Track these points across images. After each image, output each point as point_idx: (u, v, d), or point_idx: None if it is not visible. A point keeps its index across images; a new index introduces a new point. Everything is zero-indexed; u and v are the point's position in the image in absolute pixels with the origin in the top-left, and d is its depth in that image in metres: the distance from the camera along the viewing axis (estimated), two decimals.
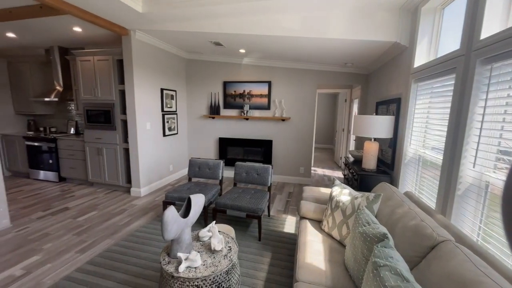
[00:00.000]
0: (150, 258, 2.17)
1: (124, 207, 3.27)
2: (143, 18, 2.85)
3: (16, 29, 3.34)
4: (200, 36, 3.23)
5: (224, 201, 2.55)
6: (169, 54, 4.12)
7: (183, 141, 4.79)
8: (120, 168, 3.77)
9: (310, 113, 4.36)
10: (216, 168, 3.11)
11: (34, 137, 4.27)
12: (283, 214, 3.17)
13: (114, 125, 3.67)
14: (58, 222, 2.81)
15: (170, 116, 4.27)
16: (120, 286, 1.83)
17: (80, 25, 3.13)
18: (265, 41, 3.15)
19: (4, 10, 2.73)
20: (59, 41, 3.90)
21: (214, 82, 4.63)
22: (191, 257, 1.37)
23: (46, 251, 2.26)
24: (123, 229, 2.70)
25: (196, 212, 1.56)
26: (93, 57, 3.59)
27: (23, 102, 4.60)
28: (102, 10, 2.63)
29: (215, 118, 4.74)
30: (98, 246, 2.35)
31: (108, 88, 3.60)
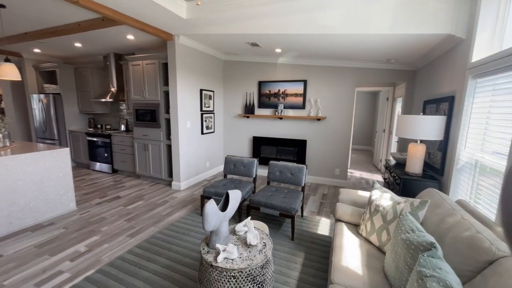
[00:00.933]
0: (189, 248, 2.33)
1: (166, 199, 3.55)
2: (186, 23, 3.05)
3: (82, 39, 3.85)
4: (238, 37, 3.34)
5: (258, 199, 2.60)
6: (208, 56, 4.34)
7: (219, 139, 4.99)
8: (163, 163, 4.10)
9: (347, 113, 4.18)
10: (250, 166, 3.19)
11: (93, 133, 4.88)
12: (316, 216, 3.12)
13: (159, 123, 4.00)
14: (112, 209, 3.19)
15: (208, 115, 4.50)
16: (163, 269, 2.01)
17: (132, 33, 3.48)
18: (302, 39, 3.11)
19: (74, 24, 3.18)
20: (115, 48, 4.39)
21: (249, 82, 4.73)
22: (228, 249, 1.45)
23: (103, 233, 2.58)
24: (165, 219, 2.94)
25: (233, 206, 1.64)
26: (142, 62, 3.96)
27: (85, 102, 5.28)
28: (151, 18, 2.89)
29: (249, 118, 4.84)
30: (145, 233, 2.61)
31: (154, 90, 3.94)
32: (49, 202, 2.86)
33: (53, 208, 2.90)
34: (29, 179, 2.67)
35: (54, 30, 3.34)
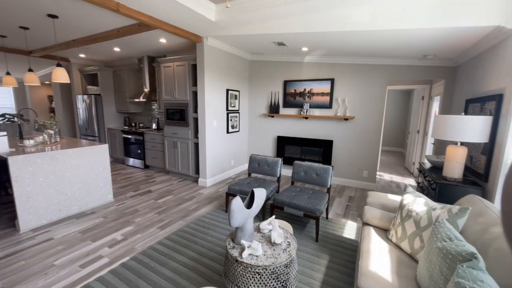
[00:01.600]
0: (214, 242, 2.41)
1: (193, 195, 3.71)
2: (214, 25, 3.15)
3: (120, 44, 4.17)
4: (264, 37, 3.36)
5: (282, 198, 2.61)
6: (235, 56, 4.42)
7: (243, 138, 5.07)
8: (190, 160, 4.28)
9: (377, 112, 3.98)
10: (274, 165, 3.20)
11: (128, 131, 5.25)
12: (342, 218, 3.03)
13: (187, 122, 4.18)
14: (144, 202, 3.41)
15: (233, 114, 4.59)
16: (190, 261, 2.11)
17: (165, 36, 3.68)
18: (330, 37, 3.04)
19: (114, 30, 3.45)
20: (148, 51, 4.67)
21: (275, 82, 4.73)
22: (253, 245, 1.48)
23: (136, 224, 2.78)
24: (192, 213, 3.07)
25: (258, 204, 1.66)
26: (173, 63, 4.16)
27: (121, 102, 5.70)
28: (183, 22, 3.03)
29: (274, 117, 4.84)
30: (173, 225, 2.75)
31: (183, 90, 4.12)
32: (91, 193, 3.15)
33: (94, 198, 3.19)
34: (75, 171, 2.96)
35: (97, 36, 3.66)
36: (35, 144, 3.09)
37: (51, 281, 1.86)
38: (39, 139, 3.27)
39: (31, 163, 2.57)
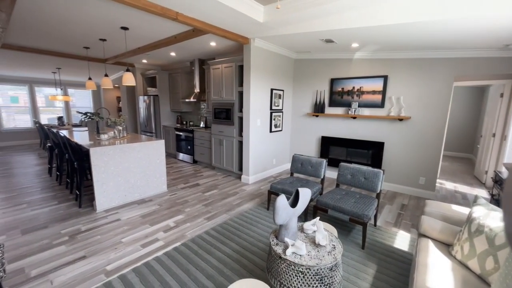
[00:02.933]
0: (256, 238, 2.49)
1: (236, 190, 3.86)
2: (262, 26, 3.21)
3: (176, 49, 4.58)
4: (312, 35, 3.29)
5: (326, 200, 2.53)
6: (280, 56, 4.43)
7: (286, 137, 5.06)
8: (234, 157, 4.47)
9: (440, 112, 3.53)
10: (318, 166, 3.12)
11: (180, 128, 5.75)
12: (393, 227, 2.79)
13: (232, 121, 4.37)
14: (193, 194, 3.70)
15: (277, 114, 4.62)
16: (234, 253, 2.22)
17: (215, 40, 3.91)
18: (385, 31, 2.81)
19: (171, 37, 3.82)
20: (199, 54, 5.02)
21: (321, 80, 4.59)
22: (297, 244, 1.48)
23: (186, 213, 3.03)
24: (236, 208, 3.21)
25: (303, 204, 1.66)
26: (221, 65, 4.39)
27: (175, 102, 6.26)
28: (232, 25, 3.18)
29: (318, 117, 4.70)
30: (219, 218, 2.92)
31: (230, 90, 4.32)
32: (150, 183, 3.56)
33: (151, 188, 3.60)
34: (137, 163, 3.39)
35: (158, 43, 4.10)
36: (108, 138, 3.63)
37: (119, 255, 2.17)
38: (111, 134, 3.83)
39: (105, 154, 3.03)
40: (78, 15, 2.96)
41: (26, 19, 3.11)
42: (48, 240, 2.39)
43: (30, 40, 4.10)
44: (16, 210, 3.03)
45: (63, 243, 2.35)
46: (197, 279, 1.88)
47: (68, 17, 3.04)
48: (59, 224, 2.70)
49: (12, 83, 7.75)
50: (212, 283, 1.84)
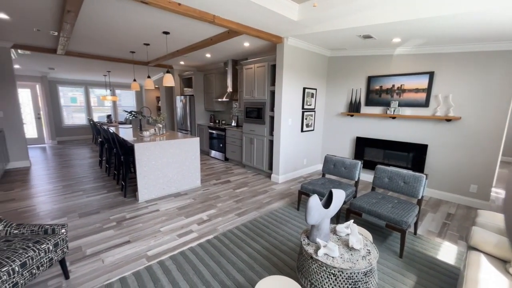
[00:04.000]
0: (286, 237, 2.49)
1: (266, 189, 3.90)
2: (296, 25, 3.18)
3: (211, 51, 4.77)
4: (348, 32, 3.16)
5: (360, 204, 2.42)
6: (313, 54, 4.34)
7: (318, 137, 4.94)
8: (265, 156, 4.51)
9: (498, 112, 3.12)
10: (352, 168, 2.99)
11: (213, 127, 5.97)
12: (436, 237, 2.55)
13: (264, 120, 4.41)
14: (224, 190, 3.83)
15: (309, 113, 4.53)
16: (264, 250, 2.25)
17: (248, 40, 3.98)
18: (433, 24, 2.58)
19: (208, 39, 3.99)
20: (233, 55, 5.16)
21: (356, 78, 4.38)
22: (329, 245, 1.46)
23: (218, 208, 3.16)
24: (266, 206, 3.24)
25: (336, 205, 1.62)
26: (254, 65, 4.46)
27: (209, 102, 6.53)
28: (267, 25, 3.21)
29: (353, 116, 4.50)
30: (249, 215, 2.99)
31: (262, 89, 4.36)
32: (185, 177, 3.78)
33: (186, 182, 3.81)
34: (175, 158, 3.62)
35: (195, 46, 4.32)
36: (149, 135, 3.94)
37: (158, 243, 2.36)
38: (152, 131, 4.15)
39: (147, 150, 3.30)
40: (127, 23, 3.26)
41: (84, 29, 3.52)
42: (100, 224, 2.70)
43: (86, 47, 4.63)
44: (74, 197, 3.47)
45: (112, 227, 2.63)
46: (228, 272, 1.96)
47: (118, 26, 3.37)
48: (108, 211, 3.02)
49: (72, 85, 8.84)
50: (243, 277, 1.90)
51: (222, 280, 1.87)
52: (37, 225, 1.79)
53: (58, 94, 8.52)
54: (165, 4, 2.46)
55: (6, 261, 1.41)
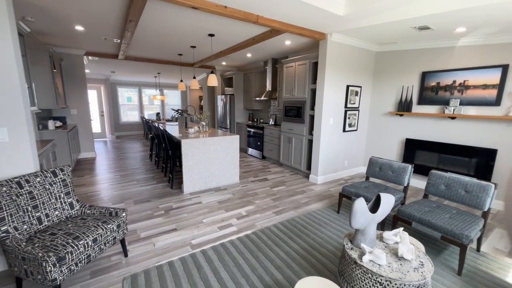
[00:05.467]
0: (325, 239, 2.42)
1: (304, 189, 3.84)
2: (342, 20, 3.04)
3: (252, 50, 4.86)
4: (402, 24, 2.90)
5: (410, 211, 2.22)
6: (358, 49, 4.09)
7: (361, 138, 4.66)
8: (303, 155, 4.43)
9: None
10: (401, 172, 2.76)
11: (251, 125, 6.09)
12: (506, 257, 2.20)
13: (303, 119, 4.34)
14: (262, 187, 3.88)
15: (352, 112, 4.30)
16: (302, 251, 2.23)
17: (290, 39, 3.95)
18: (510, 7, 2.21)
19: (249, 39, 4.08)
20: (273, 54, 5.17)
21: (408, 74, 4.00)
22: (376, 252, 1.38)
23: (256, 205, 3.22)
24: (303, 207, 3.19)
25: (384, 211, 1.52)
26: (295, 63, 4.40)
27: (248, 100, 6.67)
28: (310, 22, 3.14)
29: (403, 116, 4.12)
30: (286, 214, 2.98)
31: (302, 88, 4.29)
32: (225, 173, 3.94)
33: (226, 178, 3.97)
34: (216, 154, 3.80)
35: (237, 46, 4.45)
36: (194, 132, 4.20)
37: (201, 233, 2.51)
38: (196, 129, 4.42)
39: (192, 145, 3.53)
40: (177, 28, 3.52)
41: (140, 36, 3.92)
42: (151, 211, 2.99)
43: (141, 51, 5.14)
44: (130, 185, 3.91)
45: (161, 215, 2.89)
46: (267, 268, 1.99)
47: (169, 31, 3.66)
48: (157, 200, 3.33)
49: (127, 86, 9.92)
50: (281, 274, 1.91)
51: (260, 275, 1.91)
52: (104, 208, 2.07)
53: (117, 94, 9.65)
54: (212, 8, 2.59)
55: (82, 236, 1.67)
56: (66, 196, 2.01)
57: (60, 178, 2.00)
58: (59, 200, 1.95)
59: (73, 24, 3.44)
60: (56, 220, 1.91)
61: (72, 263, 1.54)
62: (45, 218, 1.84)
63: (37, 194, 1.83)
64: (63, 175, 2.02)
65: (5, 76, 1.76)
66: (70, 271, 1.53)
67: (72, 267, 1.54)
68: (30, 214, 1.76)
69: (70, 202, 2.02)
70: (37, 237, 1.67)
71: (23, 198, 1.74)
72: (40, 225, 1.80)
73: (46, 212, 1.85)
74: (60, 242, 1.58)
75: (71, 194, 2.05)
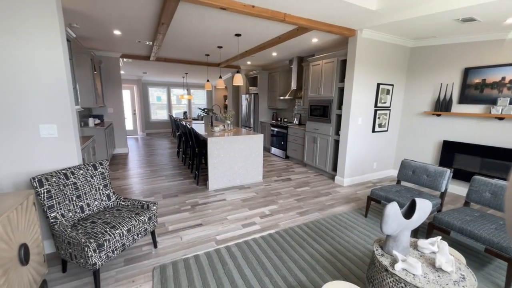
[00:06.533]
0: (352, 244, 2.33)
1: (329, 191, 3.73)
2: (374, 15, 2.90)
3: (277, 49, 4.83)
4: (442, 16, 2.68)
5: (449, 219, 2.05)
6: (391, 45, 3.86)
7: (392, 139, 4.40)
8: (328, 156, 4.31)
9: None
10: (438, 176, 2.55)
11: (275, 124, 6.06)
12: None
13: (329, 118, 4.21)
14: (285, 187, 3.85)
15: (383, 112, 4.08)
16: (327, 254, 2.17)
17: (317, 36, 3.85)
18: None
19: (276, 38, 4.05)
20: (298, 52, 5.09)
21: (448, 71, 3.68)
22: (410, 261, 1.29)
23: (279, 205, 3.20)
24: (328, 209, 3.11)
25: (420, 217, 1.42)
26: (322, 61, 4.29)
27: (272, 100, 6.65)
28: (339, 18, 3.03)
29: (441, 116, 3.81)
30: (310, 215, 2.92)
31: (329, 87, 4.17)
32: (249, 171, 3.98)
33: (249, 176, 4.01)
34: (240, 153, 3.84)
35: (263, 45, 4.45)
36: (219, 130, 4.30)
37: (225, 229, 2.57)
38: (221, 127, 4.51)
39: (217, 143, 3.61)
40: (205, 29, 3.62)
41: (170, 37, 4.09)
42: (178, 206, 3.12)
43: (171, 53, 5.37)
44: (159, 180, 4.11)
45: (187, 210, 3.00)
46: (290, 268, 1.97)
47: (198, 32, 3.78)
48: (184, 195, 3.46)
49: (157, 86, 10.44)
50: (305, 276, 1.88)
51: (284, 275, 1.90)
52: (137, 200, 2.20)
53: (148, 94, 10.21)
54: (240, 8, 2.62)
55: (118, 225, 1.79)
56: (104, 188, 2.17)
57: (99, 172, 2.17)
58: (98, 191, 2.12)
59: (112, 29, 3.70)
60: (96, 209, 2.07)
61: (109, 250, 1.66)
62: (86, 207, 2.01)
63: (80, 185, 2.00)
64: (102, 169, 2.19)
65: (56, 78, 1.95)
66: (107, 257, 1.66)
67: (109, 253, 1.67)
68: (74, 203, 1.93)
69: (107, 194, 2.19)
70: (80, 224, 1.83)
71: (68, 188, 1.91)
72: (82, 213, 1.97)
73: (87, 202, 2.02)
74: (99, 230, 1.72)
75: (108, 186, 2.21)
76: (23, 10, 1.78)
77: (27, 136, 1.93)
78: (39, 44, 1.86)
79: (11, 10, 1.75)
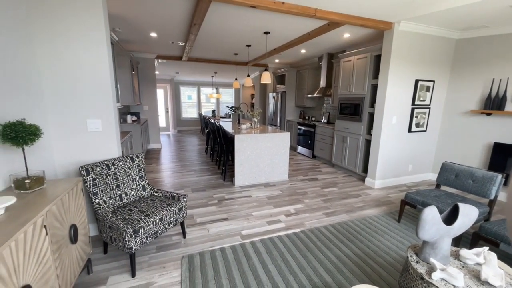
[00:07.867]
0: (382, 248, 2.20)
1: (358, 193, 3.57)
2: (412, 5, 2.69)
3: (306, 46, 4.73)
4: (494, 3, 2.39)
5: (498, 230, 1.83)
6: (433, 38, 3.55)
7: (431, 140, 4.06)
8: (359, 157, 4.12)
9: None
10: (486, 182, 2.29)
11: (302, 123, 5.96)
12: None
13: (361, 117, 4.02)
14: (311, 187, 3.77)
15: (421, 110, 3.78)
16: (354, 257, 2.08)
17: (349, 31, 3.69)
18: None
19: (305, 35, 3.97)
20: (328, 48, 4.92)
21: (502, 64, 3.28)
22: (450, 271, 1.18)
23: (305, 204, 3.15)
24: (357, 211, 2.97)
25: (463, 224, 1.29)
26: (354, 57, 4.10)
27: (300, 98, 6.54)
28: (374, 10, 2.87)
29: (491, 115, 3.41)
30: (338, 216, 2.83)
31: (361, 84, 3.97)
32: (274, 169, 3.97)
33: (275, 174, 4.00)
34: (266, 151, 3.85)
35: (291, 42, 4.40)
36: (246, 128, 4.35)
37: (250, 225, 2.60)
38: (248, 125, 4.56)
39: (244, 141, 3.66)
40: (234, 28, 3.68)
41: (202, 38, 4.24)
42: (206, 200, 3.24)
43: (201, 53, 5.57)
44: (188, 175, 4.31)
45: (214, 204, 3.10)
46: (315, 268, 1.93)
47: (227, 31, 3.86)
48: (211, 190, 3.58)
49: (188, 86, 10.90)
50: (331, 278, 1.83)
51: (309, 274, 1.86)
52: (168, 192, 2.34)
53: (179, 92, 10.72)
54: (270, 5, 2.62)
55: (151, 214, 1.92)
56: (140, 179, 2.34)
57: (136, 164, 2.34)
58: (135, 182, 2.29)
59: (149, 31, 3.95)
60: (132, 198, 2.24)
61: (143, 236, 1.79)
62: (124, 196, 2.18)
63: (120, 175, 2.18)
64: (138, 161, 2.36)
65: (101, 78, 2.15)
66: (142, 243, 1.79)
67: (143, 239, 1.80)
68: (114, 191, 2.11)
69: (142, 185, 2.35)
70: (119, 211, 1.99)
71: (110, 178, 2.10)
72: (121, 201, 2.15)
73: (125, 191, 2.20)
74: (135, 217, 1.86)
75: (143, 178, 2.38)
76: (78, 14, 1.99)
77: (78, 129, 2.16)
78: (88, 46, 2.06)
79: (67, 14, 1.96)
